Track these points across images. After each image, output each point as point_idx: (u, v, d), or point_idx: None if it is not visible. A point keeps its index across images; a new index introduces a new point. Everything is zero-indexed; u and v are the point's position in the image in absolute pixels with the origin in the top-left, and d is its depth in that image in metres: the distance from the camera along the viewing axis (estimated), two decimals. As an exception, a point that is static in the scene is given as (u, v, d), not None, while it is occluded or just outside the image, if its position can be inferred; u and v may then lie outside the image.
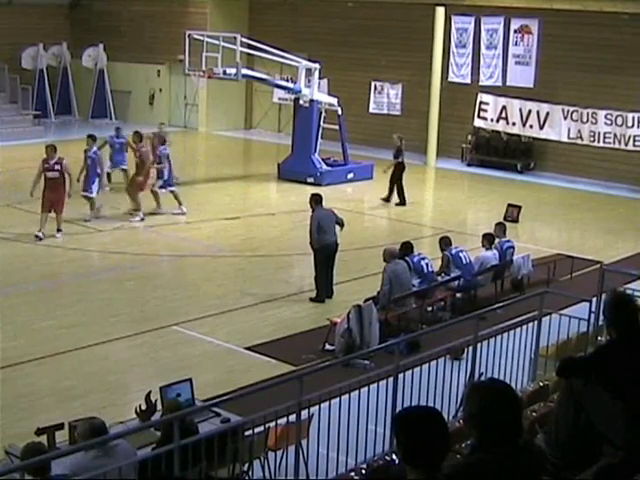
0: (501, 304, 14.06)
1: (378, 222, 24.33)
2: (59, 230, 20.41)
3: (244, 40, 28.78)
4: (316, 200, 17.40)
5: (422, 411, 4.85)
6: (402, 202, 25.45)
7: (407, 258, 16.03)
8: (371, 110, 33.96)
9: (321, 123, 28.27)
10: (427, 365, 10.32)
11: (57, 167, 20.30)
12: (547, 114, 29.62)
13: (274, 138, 36.50)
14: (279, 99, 35.04)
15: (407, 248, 16.49)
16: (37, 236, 20.00)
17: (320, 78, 29.24)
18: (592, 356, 7.18)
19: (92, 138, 22.26)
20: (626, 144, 28.17)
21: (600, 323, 11.55)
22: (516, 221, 22.82)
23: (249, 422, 9.08)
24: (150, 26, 37.96)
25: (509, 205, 23.48)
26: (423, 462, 4.61)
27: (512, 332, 12.04)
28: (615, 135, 28.25)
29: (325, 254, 17.10)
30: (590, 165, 29.67)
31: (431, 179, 31.04)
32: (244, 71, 28.25)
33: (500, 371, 11.07)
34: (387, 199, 25.63)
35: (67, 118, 38.61)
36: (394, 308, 15.15)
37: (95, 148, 22.16)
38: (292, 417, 9.16)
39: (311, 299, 16.99)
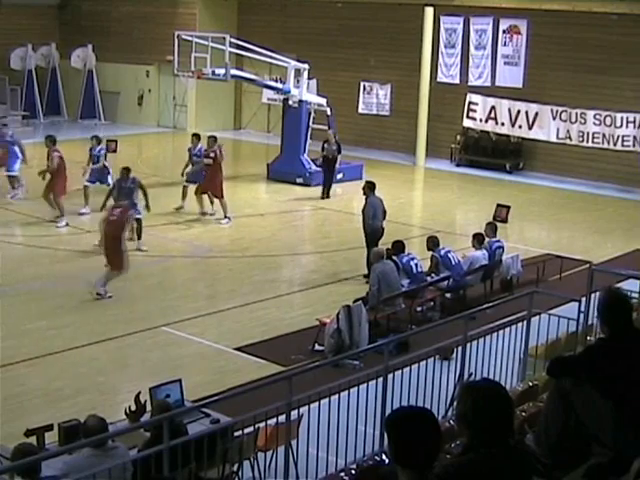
0: (490, 304, 14.05)
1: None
2: (227, 217, 22.58)
3: (233, 41, 28.79)
4: (370, 187, 18.39)
5: (414, 411, 4.85)
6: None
7: (396, 258, 16.07)
8: (360, 110, 33.99)
9: (310, 123, 28.28)
10: (416, 365, 10.31)
11: (212, 154, 22.62)
12: (536, 114, 29.68)
13: (263, 138, 36.48)
14: (268, 99, 35.02)
15: (398, 247, 16.55)
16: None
17: (309, 78, 29.21)
18: (582, 355, 7.18)
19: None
20: (615, 144, 28.26)
21: (589, 323, 11.58)
22: (505, 221, 22.83)
23: (239, 423, 9.09)
24: (139, 27, 37.90)
25: (498, 205, 23.48)
26: (414, 462, 4.60)
27: (501, 332, 12.07)
28: (604, 135, 28.34)
29: (374, 238, 17.90)
30: (579, 165, 29.72)
31: (420, 179, 31.04)
32: (233, 71, 28.25)
33: (489, 371, 11.08)
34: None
35: (56, 119, 38.51)
36: (383, 308, 15.17)
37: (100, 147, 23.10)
38: (282, 417, 9.15)
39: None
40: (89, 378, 13.22)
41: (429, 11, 30.72)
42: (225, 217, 22.46)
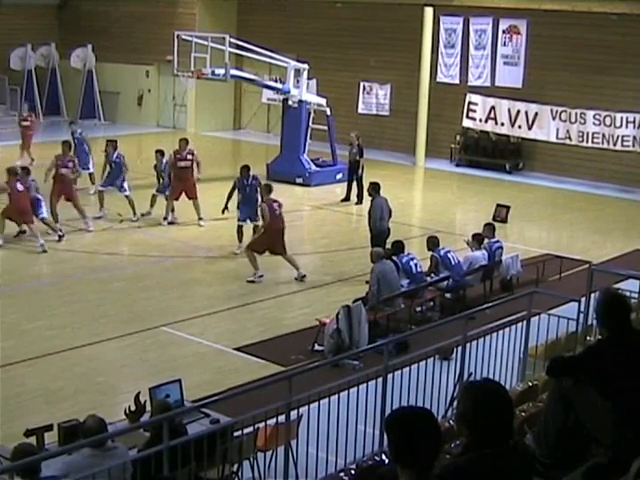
0: (490, 304, 14.03)
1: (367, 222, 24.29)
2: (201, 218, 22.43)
3: (233, 41, 28.80)
4: (375, 189, 18.46)
5: (414, 411, 4.85)
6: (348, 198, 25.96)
7: (395, 259, 16.06)
8: (360, 111, 34.01)
9: (310, 123, 28.27)
10: (416, 365, 10.31)
11: (189, 157, 22.45)
12: (536, 114, 29.69)
13: (263, 139, 36.46)
14: (268, 99, 35.01)
15: (398, 247, 16.55)
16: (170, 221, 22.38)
17: (309, 78, 29.23)
18: (582, 355, 7.18)
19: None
20: (614, 144, 28.28)
21: (589, 323, 11.57)
22: (505, 221, 22.87)
23: (238, 423, 9.09)
24: (139, 27, 37.91)
25: (498, 205, 23.52)
26: (414, 462, 4.60)
27: (501, 332, 12.05)
28: (603, 135, 28.35)
29: (381, 239, 17.87)
30: (578, 165, 29.73)
31: (420, 179, 31.05)
32: (233, 72, 28.26)
33: (489, 371, 11.07)
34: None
35: (55, 119, 38.50)
36: (383, 308, 15.17)
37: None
38: (281, 417, 9.15)
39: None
40: (89, 378, 13.22)
41: (429, 11, 30.72)
42: (165, 218, 22.37)
